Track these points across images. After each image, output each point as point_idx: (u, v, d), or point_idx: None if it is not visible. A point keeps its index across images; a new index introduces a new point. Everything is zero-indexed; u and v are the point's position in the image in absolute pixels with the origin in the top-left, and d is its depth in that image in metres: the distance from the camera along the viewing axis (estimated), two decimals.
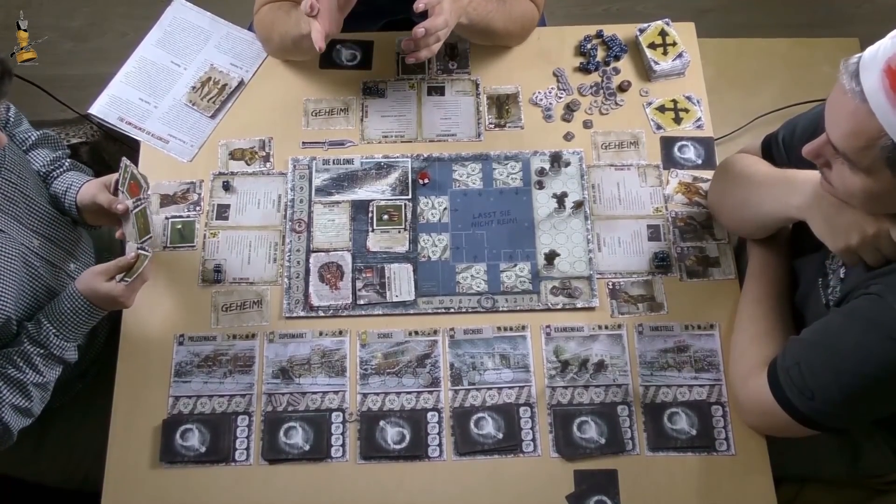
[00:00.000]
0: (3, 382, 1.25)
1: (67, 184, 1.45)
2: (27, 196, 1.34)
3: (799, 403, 1.19)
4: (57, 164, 1.49)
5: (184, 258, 1.50)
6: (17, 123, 1.48)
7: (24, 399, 1.27)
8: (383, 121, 1.63)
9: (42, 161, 1.48)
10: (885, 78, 0.99)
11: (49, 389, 1.32)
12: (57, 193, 1.46)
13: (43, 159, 1.48)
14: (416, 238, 1.52)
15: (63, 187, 1.45)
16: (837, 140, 1.07)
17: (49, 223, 1.38)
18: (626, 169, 1.58)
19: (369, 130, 1.62)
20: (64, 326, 1.30)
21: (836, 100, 1.07)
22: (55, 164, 1.49)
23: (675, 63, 1.64)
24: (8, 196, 1.31)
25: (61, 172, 1.48)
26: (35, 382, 1.28)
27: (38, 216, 1.36)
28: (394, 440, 1.36)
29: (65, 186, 1.45)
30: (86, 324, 1.32)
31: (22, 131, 1.48)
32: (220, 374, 1.40)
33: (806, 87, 1.76)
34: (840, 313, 1.18)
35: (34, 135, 1.49)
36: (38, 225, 1.36)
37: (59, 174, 1.48)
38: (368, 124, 1.62)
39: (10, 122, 1.46)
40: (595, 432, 1.36)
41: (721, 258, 1.49)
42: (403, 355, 1.42)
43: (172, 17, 1.72)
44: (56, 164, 1.49)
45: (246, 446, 1.36)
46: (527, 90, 1.65)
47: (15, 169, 1.34)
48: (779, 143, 1.36)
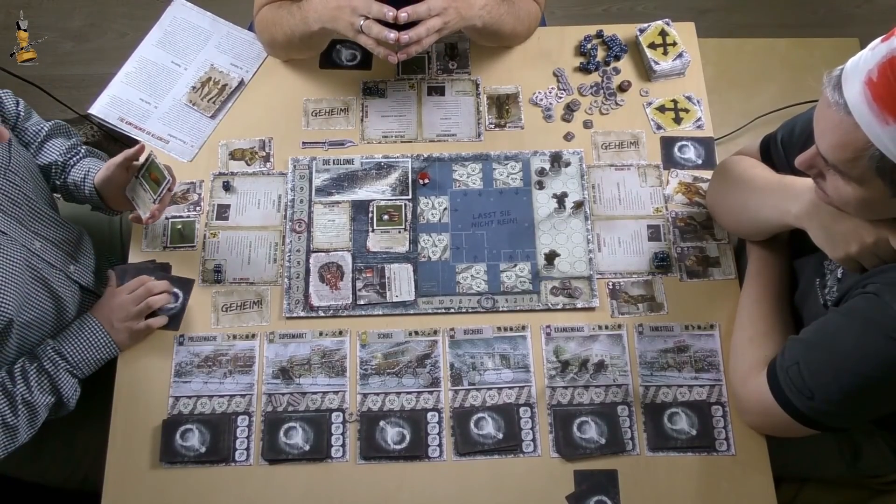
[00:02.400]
0: None
1: (85, 170, 1.46)
2: (29, 198, 1.34)
3: (798, 403, 1.19)
4: (73, 151, 1.49)
5: (184, 258, 1.50)
6: (27, 117, 1.48)
7: (10, 413, 1.28)
8: (383, 121, 1.63)
9: (58, 150, 1.48)
10: (867, 90, 0.99)
11: (37, 416, 1.31)
12: (76, 181, 1.46)
13: (59, 148, 1.48)
14: (416, 238, 1.52)
15: (81, 174, 1.46)
16: (826, 152, 1.07)
17: (50, 225, 1.38)
18: (626, 169, 1.58)
19: (369, 130, 1.62)
20: (76, 353, 1.34)
21: (821, 112, 1.06)
22: (71, 151, 1.49)
23: (675, 63, 1.64)
24: (11, 198, 1.31)
25: (78, 160, 1.49)
26: (24, 399, 1.29)
27: (39, 219, 1.36)
28: (394, 440, 1.36)
29: (83, 173, 1.46)
30: (100, 352, 1.36)
31: (33, 124, 1.48)
32: (220, 375, 1.40)
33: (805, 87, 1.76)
34: (838, 313, 1.18)
35: (46, 126, 1.49)
36: (40, 227, 1.35)
37: (76, 161, 1.48)
38: (368, 124, 1.62)
39: (20, 116, 1.46)
40: (595, 432, 1.36)
41: (721, 258, 1.49)
42: (403, 355, 1.42)
43: (172, 17, 1.72)
44: (72, 151, 1.49)
45: (246, 446, 1.36)
46: (527, 90, 1.65)
47: (20, 171, 1.34)
48: (777, 143, 1.36)
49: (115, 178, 1.42)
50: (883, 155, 1.00)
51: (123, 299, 1.39)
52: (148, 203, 1.40)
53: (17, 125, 1.45)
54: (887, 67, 0.97)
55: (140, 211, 1.41)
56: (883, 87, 0.97)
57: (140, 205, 1.41)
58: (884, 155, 1.00)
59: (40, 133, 1.48)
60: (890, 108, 0.97)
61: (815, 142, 1.09)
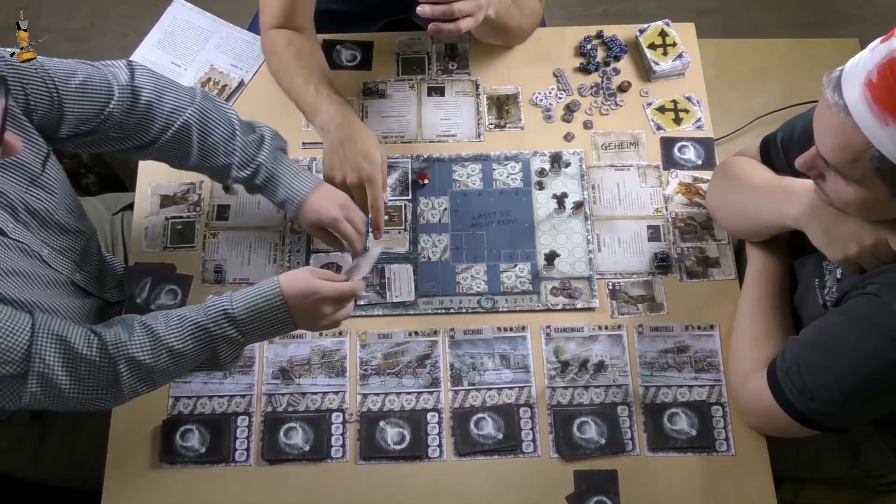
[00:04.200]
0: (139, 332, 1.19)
1: (291, 190, 1.38)
2: (49, 211, 1.28)
3: (799, 404, 1.19)
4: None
5: (184, 258, 1.50)
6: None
7: (147, 355, 1.18)
8: (383, 121, 1.63)
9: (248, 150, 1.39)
10: (867, 91, 0.98)
11: (153, 375, 1.19)
12: (268, 186, 1.39)
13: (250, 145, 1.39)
14: (417, 238, 1.52)
15: (287, 193, 1.38)
16: (826, 153, 1.07)
17: (61, 235, 1.32)
18: (626, 169, 1.58)
19: None
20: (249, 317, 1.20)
21: (821, 113, 1.06)
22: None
23: (675, 63, 1.64)
24: (32, 211, 1.25)
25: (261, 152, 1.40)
26: (169, 346, 1.18)
27: (53, 229, 1.30)
28: (394, 440, 1.36)
29: (288, 193, 1.38)
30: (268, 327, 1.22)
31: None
32: (219, 375, 1.40)
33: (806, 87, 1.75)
34: (838, 313, 1.18)
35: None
36: (49, 237, 1.31)
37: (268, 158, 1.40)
38: (368, 125, 1.62)
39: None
40: (595, 433, 1.36)
41: (721, 259, 1.49)
42: (403, 356, 1.42)
43: (172, 18, 1.72)
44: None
45: (246, 447, 1.36)
46: (527, 91, 1.65)
47: (49, 185, 1.26)
48: (777, 144, 1.36)
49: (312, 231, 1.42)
50: (883, 156, 1.00)
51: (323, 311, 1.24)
52: (356, 274, 1.30)
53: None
54: (887, 68, 0.97)
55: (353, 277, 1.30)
56: (883, 89, 0.97)
57: (354, 272, 1.31)
58: (884, 156, 1.00)
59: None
60: (890, 110, 0.97)
61: (815, 143, 1.09)
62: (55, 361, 1.13)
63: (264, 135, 1.41)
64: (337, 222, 1.38)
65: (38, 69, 1.20)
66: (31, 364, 1.12)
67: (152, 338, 1.19)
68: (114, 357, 1.17)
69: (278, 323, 1.22)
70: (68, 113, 1.24)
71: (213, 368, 1.31)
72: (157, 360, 1.19)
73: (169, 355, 1.19)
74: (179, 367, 1.22)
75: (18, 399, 1.14)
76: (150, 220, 1.53)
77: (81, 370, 1.15)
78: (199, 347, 1.20)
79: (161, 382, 1.24)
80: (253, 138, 1.40)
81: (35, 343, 1.12)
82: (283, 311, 1.21)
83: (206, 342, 1.20)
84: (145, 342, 1.18)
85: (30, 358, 1.12)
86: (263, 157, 1.39)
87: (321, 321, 1.24)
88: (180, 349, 1.19)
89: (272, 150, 1.40)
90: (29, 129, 1.21)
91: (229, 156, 1.38)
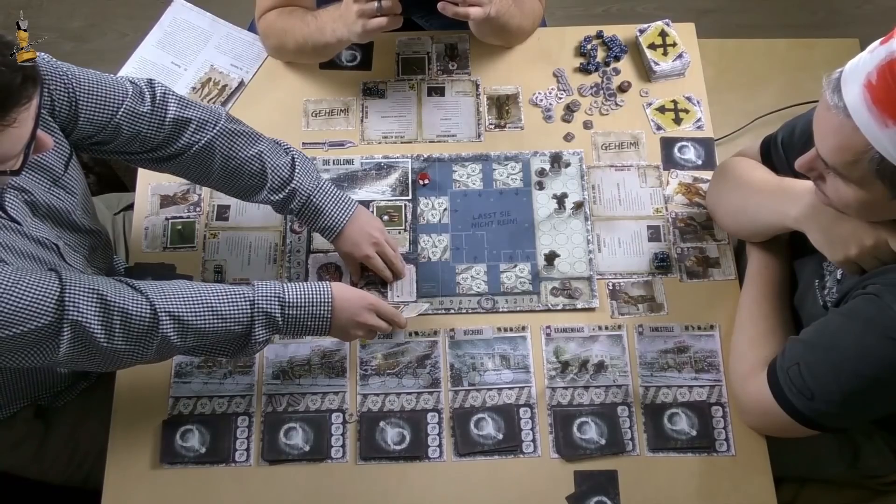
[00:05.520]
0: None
1: (333, 219, 1.41)
2: (68, 212, 1.29)
3: (799, 404, 1.19)
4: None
5: (184, 259, 1.50)
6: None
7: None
8: (383, 121, 1.63)
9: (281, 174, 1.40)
10: (867, 92, 0.98)
11: (186, 332, 1.22)
12: (304, 212, 1.41)
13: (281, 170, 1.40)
14: (417, 239, 1.52)
15: (328, 222, 1.41)
16: (826, 155, 1.07)
17: (75, 233, 1.33)
18: (627, 169, 1.58)
19: (369, 131, 1.62)
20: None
21: (821, 115, 1.06)
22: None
23: (675, 64, 1.64)
24: (53, 210, 1.26)
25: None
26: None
27: (68, 229, 1.32)
28: (394, 441, 1.36)
29: (329, 222, 1.41)
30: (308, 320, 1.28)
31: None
32: (220, 375, 1.40)
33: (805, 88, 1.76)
34: (838, 314, 1.18)
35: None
36: (62, 233, 1.31)
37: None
38: (368, 125, 1.62)
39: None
40: (595, 433, 1.36)
41: (721, 259, 1.49)
42: (403, 356, 1.42)
43: (172, 18, 1.72)
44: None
45: (246, 447, 1.36)
46: (527, 91, 1.65)
47: (69, 186, 1.28)
48: (777, 144, 1.36)
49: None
50: (883, 157, 1.00)
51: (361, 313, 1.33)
52: (404, 311, 1.41)
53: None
54: (886, 70, 0.97)
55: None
56: (882, 90, 0.97)
57: (403, 309, 1.41)
58: (883, 157, 1.00)
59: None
60: (889, 111, 0.97)
61: (815, 144, 1.09)
62: (89, 310, 1.14)
63: (294, 157, 1.42)
64: (369, 259, 1.44)
65: (60, 71, 1.22)
66: (66, 312, 1.12)
67: (195, 293, 1.22)
68: (154, 306, 1.19)
69: (317, 319, 1.28)
70: (82, 118, 1.26)
71: (232, 354, 1.31)
72: (196, 318, 1.21)
73: (210, 314, 1.22)
74: (214, 332, 1.24)
75: (56, 350, 1.14)
76: (150, 220, 1.53)
77: (115, 320, 1.16)
78: (239, 315, 1.24)
79: (191, 343, 1.24)
80: (285, 161, 1.40)
81: (67, 293, 1.13)
82: (327, 308, 1.28)
83: (247, 313, 1.24)
84: (187, 296, 1.21)
85: (63, 307, 1.12)
86: (298, 182, 1.40)
87: (355, 330, 1.32)
88: (221, 311, 1.23)
89: (306, 173, 1.41)
90: (54, 128, 1.23)
91: (257, 177, 1.39)
